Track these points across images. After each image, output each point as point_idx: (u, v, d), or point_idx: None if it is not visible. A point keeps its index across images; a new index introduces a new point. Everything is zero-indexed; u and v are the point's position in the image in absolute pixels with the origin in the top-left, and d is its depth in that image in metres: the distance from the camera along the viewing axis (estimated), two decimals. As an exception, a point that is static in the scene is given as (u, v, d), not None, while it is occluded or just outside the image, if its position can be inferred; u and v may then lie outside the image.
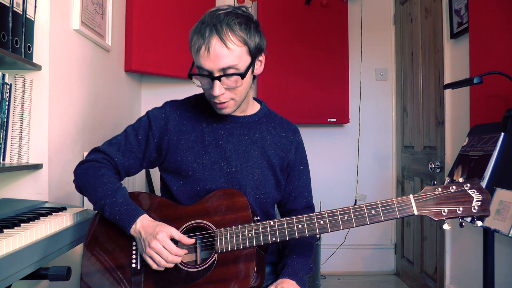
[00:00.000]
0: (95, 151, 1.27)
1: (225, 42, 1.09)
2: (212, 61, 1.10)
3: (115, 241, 1.19)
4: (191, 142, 1.25)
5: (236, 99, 1.19)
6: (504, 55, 1.80)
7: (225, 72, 1.12)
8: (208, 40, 1.09)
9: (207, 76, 1.13)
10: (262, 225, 1.11)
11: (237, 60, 1.12)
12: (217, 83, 1.12)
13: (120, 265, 1.16)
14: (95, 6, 2.15)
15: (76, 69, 1.97)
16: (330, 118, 3.14)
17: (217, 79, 1.12)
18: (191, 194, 1.24)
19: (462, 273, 2.28)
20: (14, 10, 1.49)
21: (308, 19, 3.15)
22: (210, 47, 1.09)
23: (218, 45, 1.09)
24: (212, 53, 1.09)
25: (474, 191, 1.04)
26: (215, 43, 1.09)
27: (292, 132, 1.35)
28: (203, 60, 1.11)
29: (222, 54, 1.10)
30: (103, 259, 1.17)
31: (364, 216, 1.07)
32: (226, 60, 1.10)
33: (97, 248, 1.19)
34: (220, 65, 1.10)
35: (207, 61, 1.11)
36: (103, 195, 1.17)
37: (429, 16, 2.65)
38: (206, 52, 1.10)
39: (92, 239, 1.20)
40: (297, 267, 1.25)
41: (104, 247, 1.19)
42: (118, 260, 1.17)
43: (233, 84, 1.15)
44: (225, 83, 1.14)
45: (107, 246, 1.19)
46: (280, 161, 1.30)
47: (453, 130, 2.34)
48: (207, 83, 1.16)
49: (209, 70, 1.12)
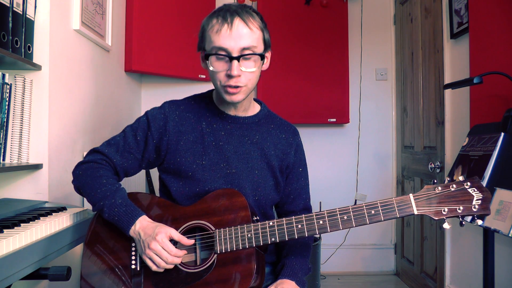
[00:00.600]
0: (93, 151, 1.26)
1: (247, 23, 1.14)
2: (234, 39, 1.12)
3: (114, 242, 1.19)
4: (190, 143, 1.25)
5: (248, 85, 1.18)
6: (504, 55, 1.80)
7: (244, 53, 1.14)
8: (231, 19, 1.13)
9: (226, 56, 1.14)
10: (261, 225, 1.11)
11: (256, 43, 1.15)
12: (236, 63, 1.13)
13: (120, 266, 1.16)
14: (95, 6, 2.15)
15: (76, 69, 1.97)
16: (330, 118, 3.14)
17: (236, 59, 1.13)
18: (190, 195, 1.24)
19: (462, 273, 2.28)
20: (14, 10, 1.49)
21: (308, 19, 3.15)
22: (233, 26, 1.12)
23: (241, 25, 1.13)
24: (234, 31, 1.12)
25: (474, 190, 1.04)
26: (237, 23, 1.13)
27: (292, 133, 1.35)
28: (224, 39, 1.12)
29: (244, 33, 1.13)
30: (102, 260, 1.17)
31: (363, 216, 1.06)
32: (247, 40, 1.13)
33: (96, 249, 1.18)
34: (242, 44, 1.13)
35: (229, 40, 1.12)
36: (102, 196, 1.16)
37: (429, 16, 2.65)
38: (228, 31, 1.12)
39: (91, 240, 1.20)
40: (296, 267, 1.25)
41: (104, 248, 1.19)
42: (118, 261, 1.17)
43: (251, 66, 1.16)
44: (243, 65, 1.15)
45: (106, 247, 1.19)
46: (280, 162, 1.30)
47: (453, 130, 2.34)
48: (223, 65, 1.15)
49: (229, 50, 1.13)
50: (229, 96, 1.18)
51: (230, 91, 1.17)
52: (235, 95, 1.18)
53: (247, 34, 1.13)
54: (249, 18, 1.15)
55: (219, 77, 1.17)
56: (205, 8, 2.97)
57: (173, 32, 2.84)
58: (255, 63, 1.17)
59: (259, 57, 1.17)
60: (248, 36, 1.13)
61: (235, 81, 1.15)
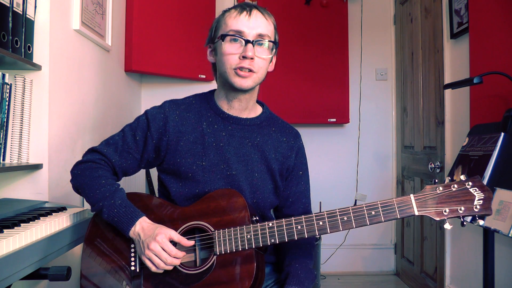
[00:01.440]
0: (92, 151, 1.25)
1: (264, 15, 1.22)
2: (252, 24, 1.18)
3: (113, 243, 1.18)
4: (190, 144, 1.23)
5: (258, 74, 1.20)
6: (504, 55, 1.80)
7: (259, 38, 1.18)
8: (250, 9, 1.20)
9: (242, 39, 1.17)
10: (260, 226, 1.10)
11: (271, 34, 1.22)
12: (251, 46, 1.16)
13: (119, 267, 1.16)
14: (95, 6, 2.14)
15: (76, 69, 1.96)
16: (330, 118, 3.14)
17: (251, 43, 1.17)
18: (189, 196, 1.23)
19: (462, 273, 2.28)
20: (14, 10, 1.49)
21: (308, 19, 3.15)
22: (252, 14, 1.19)
23: (259, 14, 1.20)
24: (253, 17, 1.19)
25: (476, 189, 1.02)
26: (256, 12, 1.20)
27: (294, 136, 1.34)
28: (242, 23, 1.18)
29: (261, 22, 1.20)
30: (102, 261, 1.17)
31: (364, 216, 1.05)
32: (264, 29, 1.19)
33: (96, 250, 1.18)
34: (258, 30, 1.18)
35: (247, 24, 1.18)
36: (101, 197, 1.15)
37: (429, 16, 2.65)
38: (247, 17, 1.18)
39: (91, 240, 1.20)
40: (301, 276, 1.22)
41: (103, 249, 1.18)
42: (117, 262, 1.16)
43: (264, 53, 1.19)
44: (257, 51, 1.18)
45: (105, 248, 1.18)
46: (280, 166, 1.29)
47: (453, 130, 2.34)
48: (237, 48, 1.18)
49: (246, 33, 1.17)
50: (239, 80, 1.18)
51: (242, 74, 1.17)
52: (245, 80, 1.18)
53: (264, 23, 1.20)
54: (266, 12, 1.23)
55: (231, 59, 1.18)
56: (205, 8, 2.98)
57: (173, 32, 2.84)
58: (267, 52, 1.20)
59: (270, 49, 1.21)
60: (264, 25, 1.20)
61: (249, 63, 1.17)
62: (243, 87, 1.18)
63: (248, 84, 1.19)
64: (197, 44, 2.82)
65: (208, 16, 2.88)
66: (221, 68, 1.21)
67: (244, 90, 1.20)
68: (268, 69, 1.25)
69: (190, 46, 2.88)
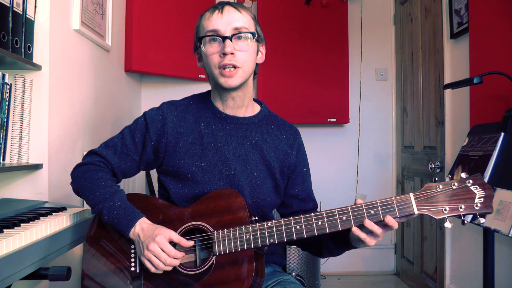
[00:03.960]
0: (91, 153, 1.26)
1: (238, 8, 1.21)
2: (226, 21, 1.17)
3: (114, 244, 1.18)
4: (189, 145, 1.23)
5: (243, 68, 1.19)
6: (504, 55, 1.80)
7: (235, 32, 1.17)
8: (222, 6, 1.20)
9: (219, 36, 1.17)
10: (259, 226, 1.09)
11: (248, 25, 1.20)
12: (228, 42, 1.16)
13: (120, 268, 1.16)
14: (95, 6, 2.14)
15: (76, 69, 1.96)
16: (330, 118, 3.14)
17: (228, 38, 1.16)
18: (189, 197, 1.23)
19: (462, 273, 2.28)
20: (14, 10, 1.49)
21: (308, 19, 3.15)
22: (224, 10, 1.19)
23: (232, 9, 1.20)
24: (225, 14, 1.18)
25: (477, 187, 1.00)
26: (228, 8, 1.19)
27: (293, 134, 1.33)
28: (216, 21, 1.18)
29: (235, 16, 1.19)
30: (102, 262, 1.17)
31: (363, 216, 1.04)
32: (239, 22, 1.18)
33: (96, 251, 1.18)
34: (234, 24, 1.17)
35: (220, 22, 1.17)
36: (100, 199, 1.15)
37: (429, 16, 2.65)
38: (219, 14, 1.18)
39: (91, 241, 1.20)
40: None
41: (103, 250, 1.18)
42: (117, 263, 1.16)
43: (244, 46, 1.18)
44: (236, 44, 1.17)
45: (106, 249, 1.18)
46: (280, 164, 1.28)
47: (453, 130, 2.34)
48: (216, 47, 1.18)
49: (221, 31, 1.17)
50: (224, 79, 1.18)
51: (226, 73, 1.17)
52: (230, 79, 1.18)
53: (238, 17, 1.19)
54: (240, 5, 1.22)
55: (213, 59, 1.19)
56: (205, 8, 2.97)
57: (173, 32, 2.84)
58: (248, 45, 1.19)
59: (253, 40, 1.20)
60: (239, 19, 1.19)
61: (230, 58, 1.16)
62: (231, 86, 1.19)
63: (235, 82, 1.19)
64: (197, 44, 2.82)
65: (208, 16, 2.88)
66: (208, 71, 1.23)
67: (233, 88, 1.21)
68: (257, 61, 1.25)
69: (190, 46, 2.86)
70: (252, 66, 1.22)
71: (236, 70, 1.17)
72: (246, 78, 1.21)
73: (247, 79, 1.22)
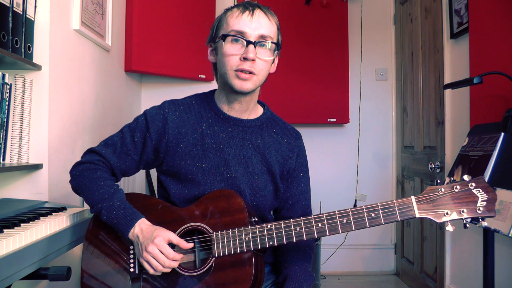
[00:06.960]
0: (90, 152, 1.24)
1: (267, 15, 1.19)
2: (254, 25, 1.15)
3: (113, 245, 1.18)
4: (190, 145, 1.22)
5: (259, 76, 1.18)
6: (504, 55, 1.80)
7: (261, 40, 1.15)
8: (253, 9, 1.17)
9: (243, 39, 1.14)
10: (259, 228, 1.08)
11: (273, 35, 1.19)
12: (252, 47, 1.14)
13: (119, 269, 1.15)
14: (95, 6, 2.14)
15: (76, 69, 1.96)
16: (330, 118, 3.14)
17: (253, 44, 1.14)
18: (189, 198, 1.21)
19: (462, 273, 2.28)
20: (14, 10, 1.49)
21: (308, 19, 3.15)
22: (254, 14, 1.16)
23: (262, 15, 1.17)
24: (255, 18, 1.15)
25: (479, 190, 0.98)
26: (259, 12, 1.17)
27: (295, 138, 1.32)
28: (244, 23, 1.15)
29: (264, 22, 1.16)
30: (102, 262, 1.16)
31: (363, 219, 1.03)
32: (266, 30, 1.16)
33: (96, 251, 1.18)
34: (261, 31, 1.15)
35: (249, 25, 1.15)
36: (99, 198, 1.14)
37: (429, 16, 2.65)
38: (249, 16, 1.15)
39: (91, 240, 1.19)
40: (300, 279, 1.20)
41: (104, 250, 1.18)
42: (117, 264, 1.16)
43: (266, 54, 1.16)
44: (258, 52, 1.16)
45: (106, 249, 1.18)
46: (281, 168, 1.27)
47: (453, 130, 2.34)
48: (238, 49, 1.15)
49: (248, 34, 1.14)
50: (239, 82, 1.15)
51: (242, 76, 1.15)
52: (245, 82, 1.16)
53: (266, 24, 1.17)
54: (269, 12, 1.20)
55: (232, 61, 1.15)
56: (205, 8, 2.98)
57: (173, 32, 2.83)
58: (269, 55, 1.18)
59: (273, 51, 1.19)
60: (267, 26, 1.17)
61: (250, 65, 1.14)
62: (243, 90, 1.16)
63: (249, 87, 1.16)
64: (197, 44, 2.82)
65: (208, 16, 2.88)
66: (221, 69, 1.19)
67: (244, 93, 1.18)
68: (270, 71, 1.24)
69: (190, 46, 2.88)
70: (266, 75, 1.21)
71: (251, 76, 1.16)
72: (258, 85, 1.21)
73: (258, 87, 1.22)
